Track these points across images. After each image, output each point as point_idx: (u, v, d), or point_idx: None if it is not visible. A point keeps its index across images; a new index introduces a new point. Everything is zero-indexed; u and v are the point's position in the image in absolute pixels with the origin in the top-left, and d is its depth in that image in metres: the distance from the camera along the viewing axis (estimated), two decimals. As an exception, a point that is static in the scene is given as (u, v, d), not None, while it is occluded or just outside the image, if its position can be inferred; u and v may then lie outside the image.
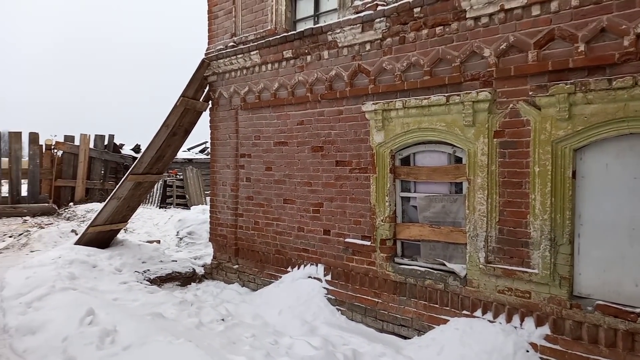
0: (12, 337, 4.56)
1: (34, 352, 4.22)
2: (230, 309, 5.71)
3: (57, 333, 4.37)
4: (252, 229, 6.85)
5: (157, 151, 7.50)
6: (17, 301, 5.38)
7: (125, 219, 8.36)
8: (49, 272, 6.15)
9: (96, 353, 3.90)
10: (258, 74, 6.65)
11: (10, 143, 13.70)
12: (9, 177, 13.66)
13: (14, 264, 7.40)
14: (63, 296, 5.31)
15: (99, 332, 4.18)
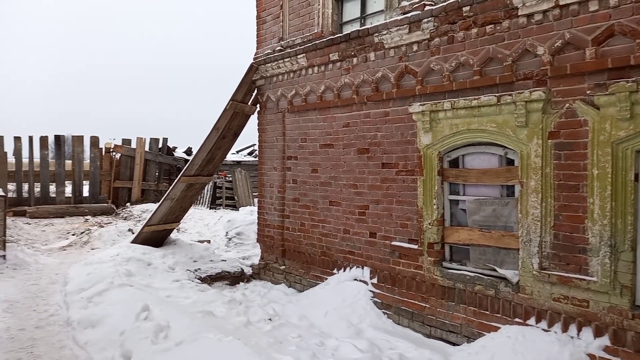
0: (75, 330, 4.85)
1: (94, 345, 4.47)
2: (277, 309, 5.80)
3: (115, 327, 4.60)
4: (299, 230, 6.92)
5: (207, 154, 7.75)
6: (79, 296, 5.71)
7: (178, 219, 8.68)
8: (107, 268, 6.49)
9: (151, 347, 4.07)
10: (305, 77, 6.72)
11: (73, 146, 14.57)
12: (72, 178, 14.53)
13: (76, 261, 7.87)
14: (120, 292, 5.58)
15: (154, 328, 4.36)
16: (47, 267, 7.66)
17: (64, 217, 13.23)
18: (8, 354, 4.30)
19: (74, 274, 6.63)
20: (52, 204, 13.94)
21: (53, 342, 4.63)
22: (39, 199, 13.90)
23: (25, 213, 13.05)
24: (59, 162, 14.34)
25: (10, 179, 13.52)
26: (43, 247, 9.43)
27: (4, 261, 7.44)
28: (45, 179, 14.04)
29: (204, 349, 3.97)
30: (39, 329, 4.96)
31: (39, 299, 5.95)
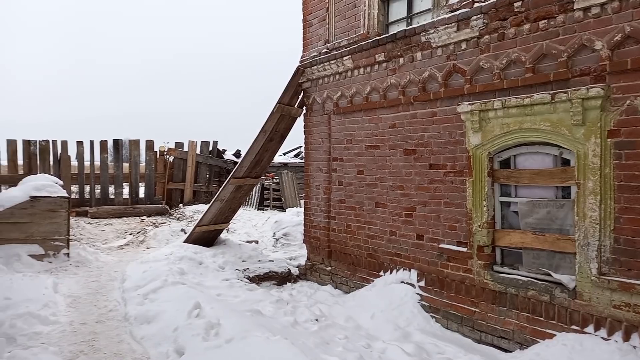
0: (132, 325, 5.10)
1: (150, 340, 4.67)
2: (324, 309, 5.84)
3: (169, 323, 4.79)
4: (345, 231, 6.93)
5: (255, 156, 7.92)
6: (135, 292, 5.99)
7: (227, 219, 8.93)
8: (162, 267, 6.77)
9: (202, 344, 4.21)
10: (350, 78, 6.73)
11: (130, 150, 15.30)
12: (129, 180, 15.26)
13: (133, 259, 8.26)
14: (174, 290, 5.81)
15: (205, 325, 4.50)
16: (106, 265, 8.08)
17: (121, 217, 13.90)
18: (72, 346, 4.58)
19: (131, 272, 6.96)
20: (111, 204, 14.70)
21: (112, 336, 4.88)
22: (99, 200, 14.70)
23: (86, 213, 13.84)
24: (117, 165, 15.10)
25: (73, 181, 14.38)
26: (103, 246, 9.96)
27: (68, 259, 7.93)
28: (105, 181, 14.84)
29: (252, 347, 4.06)
30: (99, 324, 5.24)
31: (99, 295, 6.29)
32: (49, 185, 8.25)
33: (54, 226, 7.90)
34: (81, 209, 13.92)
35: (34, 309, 5.18)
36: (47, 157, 13.98)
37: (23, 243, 7.63)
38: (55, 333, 4.87)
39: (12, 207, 7.63)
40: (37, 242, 7.74)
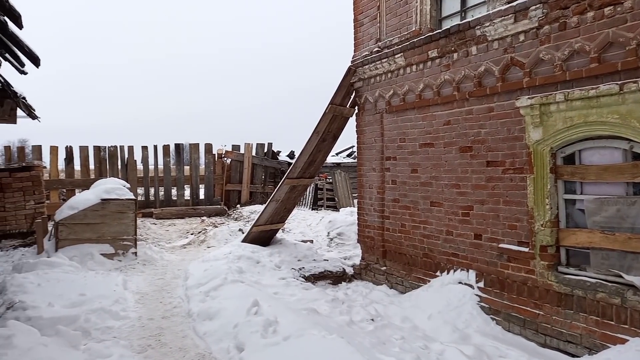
0: (195, 321, 5.33)
1: (212, 336, 4.87)
2: (379, 309, 5.82)
3: (229, 320, 4.97)
4: (399, 231, 6.86)
5: (308, 156, 8.02)
6: (197, 290, 6.26)
7: (283, 219, 9.10)
8: (221, 265, 7.03)
9: (261, 341, 4.33)
10: (402, 76, 6.66)
11: (191, 153, 15.97)
12: (190, 182, 15.94)
13: (195, 258, 8.63)
14: (233, 288, 6.01)
15: (263, 322, 4.63)
16: (170, 263, 8.50)
17: (184, 218, 14.54)
18: (140, 340, 4.87)
19: (193, 270, 7.28)
20: (174, 206, 15.42)
21: (177, 332, 5.13)
22: (162, 202, 15.46)
23: (152, 214, 14.60)
24: (179, 168, 15.80)
25: (139, 184, 15.23)
26: (167, 245, 10.47)
27: (136, 257, 8.41)
28: (168, 184, 15.58)
29: (309, 345, 4.12)
30: (165, 319, 5.52)
31: (164, 292, 6.63)
32: (117, 189, 8.79)
33: (122, 227, 8.42)
34: (147, 210, 14.71)
35: (106, 305, 5.55)
36: (115, 162, 14.90)
37: (95, 242, 8.19)
38: (125, 327, 5.19)
39: (85, 209, 8.21)
40: (108, 242, 8.27)
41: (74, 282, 6.26)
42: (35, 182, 10.49)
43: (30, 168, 10.60)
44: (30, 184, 10.42)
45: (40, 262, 6.98)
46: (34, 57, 5.46)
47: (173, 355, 4.52)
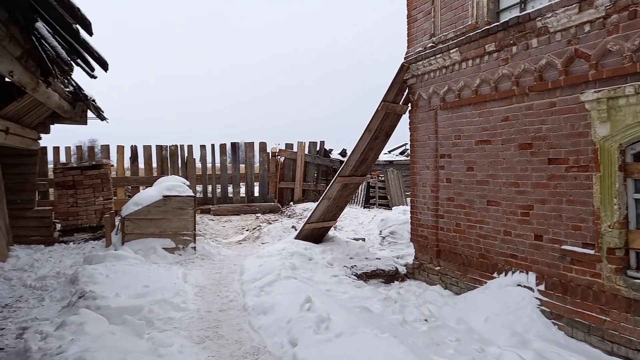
0: (250, 315, 5.49)
1: (266, 330, 4.99)
2: (433, 310, 5.72)
3: (283, 315, 5.07)
4: (454, 231, 6.71)
5: (360, 154, 8.01)
6: (252, 285, 6.43)
7: (335, 217, 9.15)
8: (275, 262, 7.18)
9: (314, 337, 4.40)
10: (458, 71, 6.49)
11: (246, 152, 16.40)
12: (245, 180, 16.38)
13: (250, 254, 8.87)
14: (286, 283, 6.13)
15: (316, 318, 4.69)
16: (227, 258, 8.78)
17: (239, 215, 14.96)
18: (199, 332, 5.08)
19: (248, 265, 7.49)
20: (230, 203, 15.91)
21: (233, 325, 5.31)
22: (219, 199, 15.99)
23: (209, 211, 15.14)
24: (234, 166, 16.28)
25: (198, 182, 15.83)
26: (224, 241, 10.83)
27: (195, 252, 8.76)
28: (224, 181, 16.10)
29: (362, 342, 4.14)
30: (222, 312, 5.72)
31: (221, 286, 6.87)
32: (178, 186, 9.21)
33: (182, 222, 8.80)
34: (205, 207, 15.27)
35: (167, 297, 5.83)
36: (176, 160, 15.58)
37: (158, 237, 8.62)
38: (185, 319, 5.43)
39: (148, 205, 8.66)
40: (169, 237, 8.68)
41: (138, 274, 6.62)
42: (103, 179, 11.19)
43: (100, 166, 11.32)
44: (99, 181, 11.13)
45: (109, 255, 7.44)
46: (103, 62, 5.83)
47: (230, 347, 4.68)
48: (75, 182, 10.94)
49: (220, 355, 4.49)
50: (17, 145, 8.66)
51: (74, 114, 9.54)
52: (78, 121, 10.07)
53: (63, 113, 9.03)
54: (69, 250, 9.44)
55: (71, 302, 5.60)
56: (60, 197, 11.04)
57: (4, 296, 6.37)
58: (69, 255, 8.89)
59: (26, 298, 6.31)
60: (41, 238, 9.82)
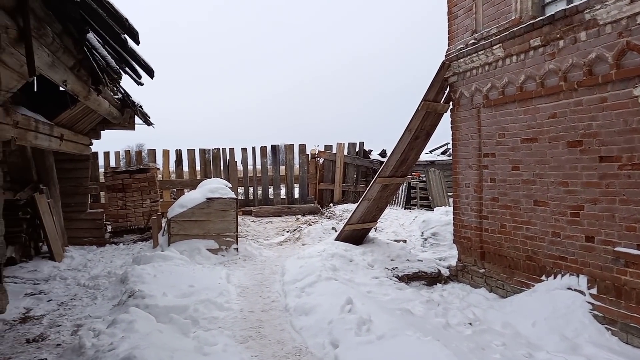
0: (292, 316, 5.54)
1: (307, 330, 5.02)
2: (478, 313, 5.58)
3: (324, 316, 5.09)
4: (499, 232, 6.52)
5: (400, 155, 7.93)
6: (293, 286, 6.49)
7: (375, 218, 9.10)
8: (316, 263, 7.21)
9: (355, 338, 4.39)
10: (501, 68, 6.31)
11: (286, 154, 16.59)
12: (285, 182, 16.56)
13: (290, 255, 8.95)
14: (327, 285, 6.15)
15: (357, 320, 4.68)
16: (268, 259, 8.91)
17: (280, 216, 15.14)
18: (242, 331, 5.18)
19: (289, 266, 7.56)
20: (271, 204, 16.13)
21: (275, 325, 5.37)
22: (260, 201, 16.25)
23: (251, 212, 15.41)
24: (275, 168, 16.50)
25: (239, 184, 16.14)
26: (265, 242, 10.99)
27: (237, 253, 8.94)
28: (265, 183, 16.35)
29: (403, 345, 4.09)
30: (264, 312, 5.81)
31: (263, 287, 6.97)
32: (220, 188, 9.43)
33: (225, 224, 9.00)
34: (246, 208, 15.55)
35: (212, 296, 5.98)
36: (218, 163, 15.96)
37: (202, 238, 8.86)
38: (229, 318, 5.55)
39: (193, 207, 8.92)
40: (213, 238, 8.90)
41: (184, 274, 6.83)
42: (150, 182, 11.63)
43: (147, 170, 11.77)
44: (146, 184, 11.57)
45: (156, 256, 7.72)
46: (149, 69, 6.06)
47: (272, 347, 4.74)
48: (124, 185, 11.43)
49: (263, 355, 4.56)
50: (71, 151, 9.13)
51: (123, 120, 9.96)
52: (126, 127, 10.51)
53: (112, 119, 9.45)
54: (119, 250, 9.87)
55: (121, 300, 5.85)
56: (111, 200, 11.57)
57: (60, 295, 6.73)
58: (119, 256, 9.30)
59: (80, 296, 6.64)
60: (93, 239, 10.32)
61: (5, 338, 5.05)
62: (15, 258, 7.76)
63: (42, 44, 4.50)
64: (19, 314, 5.83)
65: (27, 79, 4.63)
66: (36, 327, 5.40)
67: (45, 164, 9.09)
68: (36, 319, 5.71)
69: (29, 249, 8.37)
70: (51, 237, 8.43)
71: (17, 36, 3.85)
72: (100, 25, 4.90)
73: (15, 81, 4.59)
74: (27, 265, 7.91)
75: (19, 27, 3.83)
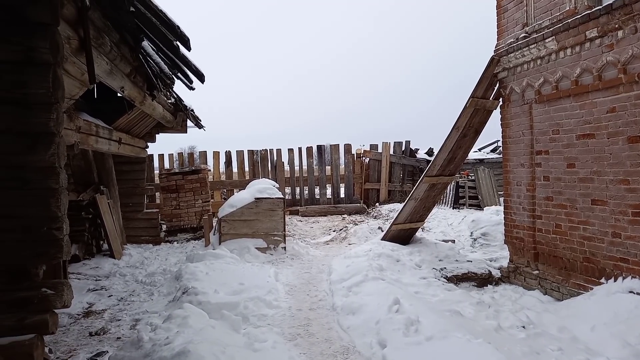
0: (339, 315, 5.57)
1: (355, 330, 5.04)
2: (532, 316, 5.38)
3: (371, 316, 5.08)
4: (553, 232, 6.26)
5: (448, 153, 7.78)
6: (340, 285, 6.52)
7: (422, 218, 8.97)
8: (362, 262, 7.21)
9: (403, 339, 4.36)
10: (554, 62, 6.06)
11: (331, 154, 16.66)
12: (331, 182, 16.64)
13: (337, 254, 9.00)
14: (374, 284, 6.13)
15: (404, 321, 4.64)
16: (315, 259, 8.99)
17: (326, 216, 15.23)
18: (291, 329, 5.26)
19: (336, 266, 7.60)
20: (317, 204, 16.26)
21: (322, 324, 5.42)
22: (307, 200, 16.42)
23: (298, 212, 15.60)
24: (320, 168, 16.62)
25: (286, 184, 16.38)
26: (312, 241, 11.09)
27: (285, 252, 9.08)
28: (311, 183, 16.50)
29: (453, 347, 4.02)
30: (312, 311, 5.88)
31: (310, 285, 7.05)
32: (268, 188, 9.62)
33: (273, 223, 9.17)
34: (293, 208, 15.76)
35: (261, 294, 6.11)
36: (266, 164, 16.28)
37: (251, 237, 9.07)
38: (277, 316, 5.66)
39: (242, 207, 9.15)
40: (261, 237, 9.09)
41: (234, 272, 7.03)
42: (202, 183, 12.04)
43: (198, 171, 12.19)
44: (198, 185, 11.99)
45: (208, 254, 7.98)
46: (200, 74, 6.27)
47: (320, 345, 4.80)
48: (177, 186, 11.90)
49: (311, 352, 4.62)
50: (128, 154, 9.61)
51: (176, 124, 10.37)
52: (179, 130, 10.94)
53: (166, 123, 9.86)
54: (173, 249, 10.29)
55: (176, 297, 6.10)
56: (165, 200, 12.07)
57: (119, 290, 7.11)
58: (173, 254, 9.69)
59: (138, 292, 6.99)
60: (150, 238, 10.81)
61: (71, 330, 5.41)
62: (78, 255, 8.26)
63: (101, 52, 4.77)
64: (82, 309, 6.21)
65: (88, 86, 4.93)
66: (98, 321, 5.73)
67: (105, 167, 9.61)
68: (98, 313, 6.06)
69: (91, 247, 8.88)
70: (111, 236, 8.91)
71: (78, 46, 4.10)
72: (154, 33, 5.13)
73: (77, 89, 4.90)
74: (90, 262, 8.40)
75: (79, 37, 4.07)
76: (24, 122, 3.18)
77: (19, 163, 3.18)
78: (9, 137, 3.16)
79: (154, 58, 6.04)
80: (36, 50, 3.17)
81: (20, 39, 3.15)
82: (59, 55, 3.27)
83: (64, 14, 3.58)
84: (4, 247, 3.19)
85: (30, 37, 3.16)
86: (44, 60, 3.19)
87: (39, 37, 3.18)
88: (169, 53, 5.81)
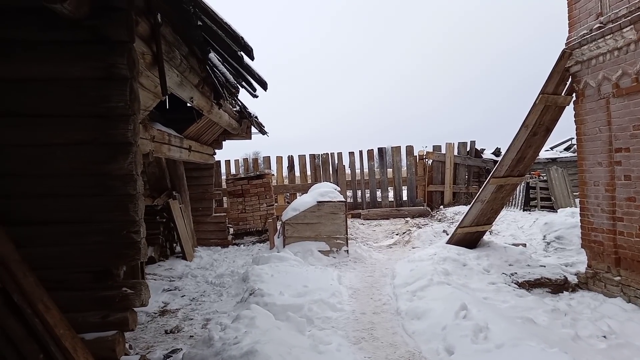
0: (403, 319, 5.50)
1: (420, 335, 4.95)
2: (613, 325, 5.02)
3: (437, 322, 4.97)
4: (637, 235, 5.78)
5: (517, 153, 7.43)
6: (404, 289, 6.44)
7: (490, 221, 8.63)
8: (427, 266, 7.07)
9: (471, 346, 4.22)
10: (634, 52, 5.62)
11: (393, 156, 16.49)
12: (393, 184, 16.45)
13: (400, 258, 8.88)
14: (439, 289, 5.99)
15: (473, 327, 4.50)
16: (378, 262, 8.93)
17: (388, 219, 15.07)
18: (355, 332, 5.26)
19: (399, 270, 7.51)
20: (379, 207, 16.14)
21: (387, 328, 5.38)
22: (368, 203, 16.34)
23: (359, 215, 15.57)
24: (382, 171, 16.49)
25: (348, 187, 16.42)
26: (374, 245, 11.02)
27: (347, 255, 9.10)
28: (372, 186, 16.41)
29: (525, 356, 3.84)
30: (376, 315, 5.84)
31: (373, 289, 7.01)
32: (330, 192, 9.70)
33: (335, 226, 9.23)
34: (355, 211, 15.75)
35: (324, 297, 6.17)
36: (327, 168, 16.42)
37: (314, 240, 9.19)
38: (341, 319, 5.68)
39: (305, 210, 9.29)
40: (324, 240, 9.18)
41: (298, 274, 7.15)
42: (266, 187, 12.37)
43: (263, 176, 12.55)
44: (262, 189, 12.33)
45: (272, 256, 8.19)
46: (263, 82, 6.48)
47: (385, 349, 4.76)
48: (243, 191, 12.32)
49: (376, 356, 4.60)
50: (197, 161, 10.09)
51: (241, 130, 10.76)
52: (244, 137, 11.33)
53: (232, 130, 10.25)
54: (240, 251, 10.65)
55: (243, 298, 6.31)
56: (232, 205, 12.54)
57: (191, 291, 7.47)
58: (240, 256, 10.03)
59: (208, 293, 7.30)
60: (218, 240, 11.27)
61: (148, 328, 5.76)
62: (154, 257, 8.78)
63: (172, 65, 5.07)
64: (158, 308, 6.59)
65: (160, 98, 5.25)
66: (172, 320, 6.06)
67: (177, 173, 10.15)
68: (172, 312, 6.41)
69: (165, 250, 9.41)
70: (183, 239, 9.39)
71: (151, 61, 4.39)
72: (220, 45, 5.37)
73: (151, 100, 5.23)
74: (164, 264, 8.90)
75: (152, 52, 4.36)
76: (107, 134, 3.45)
77: (102, 171, 3.46)
78: (93, 147, 3.45)
79: (220, 68, 6.32)
80: (115, 67, 3.44)
81: (102, 57, 3.44)
82: (135, 70, 3.52)
83: (138, 31, 3.85)
84: (88, 249, 3.48)
85: (110, 55, 3.44)
86: (122, 76, 3.45)
87: (118, 54, 3.44)
88: (233, 63, 6.05)
